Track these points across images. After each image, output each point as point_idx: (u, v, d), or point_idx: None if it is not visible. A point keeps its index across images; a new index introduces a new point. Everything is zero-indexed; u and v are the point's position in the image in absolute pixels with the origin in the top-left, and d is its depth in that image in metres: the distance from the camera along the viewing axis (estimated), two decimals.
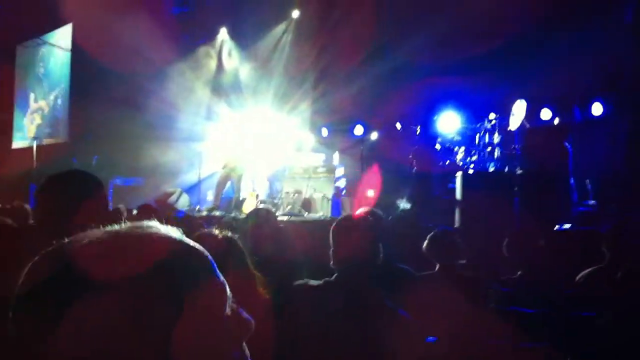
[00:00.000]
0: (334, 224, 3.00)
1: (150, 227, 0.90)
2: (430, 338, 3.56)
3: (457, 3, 10.74)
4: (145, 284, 0.81)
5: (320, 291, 2.88)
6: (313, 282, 2.94)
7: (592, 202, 8.84)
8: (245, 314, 0.95)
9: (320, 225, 8.84)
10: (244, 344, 0.92)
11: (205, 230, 2.17)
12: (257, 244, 3.37)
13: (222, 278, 0.92)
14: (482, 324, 4.02)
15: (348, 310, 2.76)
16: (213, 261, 0.93)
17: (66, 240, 0.88)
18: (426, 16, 11.22)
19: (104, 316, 0.79)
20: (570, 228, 7.01)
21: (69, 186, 2.30)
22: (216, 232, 2.10)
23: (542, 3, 10.31)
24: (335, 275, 2.91)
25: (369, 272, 2.85)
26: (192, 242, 0.93)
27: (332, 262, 2.94)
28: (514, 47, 10.74)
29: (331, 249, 2.95)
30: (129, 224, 0.91)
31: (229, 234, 2.13)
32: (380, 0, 12.77)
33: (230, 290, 0.90)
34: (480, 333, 3.88)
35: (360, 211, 4.10)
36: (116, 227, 0.90)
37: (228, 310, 0.90)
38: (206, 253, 0.93)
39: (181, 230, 0.94)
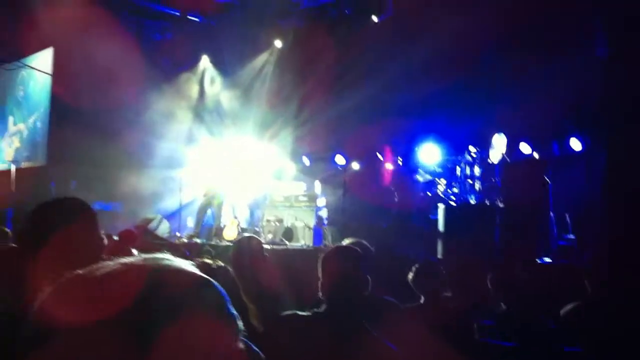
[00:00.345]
0: (322, 255, 2.99)
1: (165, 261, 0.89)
2: None
3: (434, 36, 10.86)
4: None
5: (309, 322, 2.85)
6: (301, 313, 2.92)
7: (571, 236, 8.90)
8: (254, 348, 0.93)
9: (302, 254, 8.82)
10: None
11: (199, 260, 2.14)
12: (238, 273, 3.33)
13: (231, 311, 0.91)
14: (468, 357, 4.01)
15: (336, 341, 2.74)
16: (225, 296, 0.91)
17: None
18: (404, 49, 11.36)
19: None
20: (550, 262, 7.06)
21: (54, 211, 2.27)
22: (209, 262, 2.08)
23: (517, 37, 10.48)
24: (323, 306, 2.89)
25: (357, 303, 2.83)
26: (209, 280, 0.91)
27: (320, 293, 2.92)
28: (491, 80, 10.89)
29: (319, 280, 2.93)
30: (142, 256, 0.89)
31: (222, 264, 2.11)
32: (359, 33, 12.91)
33: None
34: None
35: (346, 242, 4.08)
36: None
37: (239, 345, 0.88)
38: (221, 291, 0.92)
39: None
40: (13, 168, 13.86)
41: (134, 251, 6.57)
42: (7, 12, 13.26)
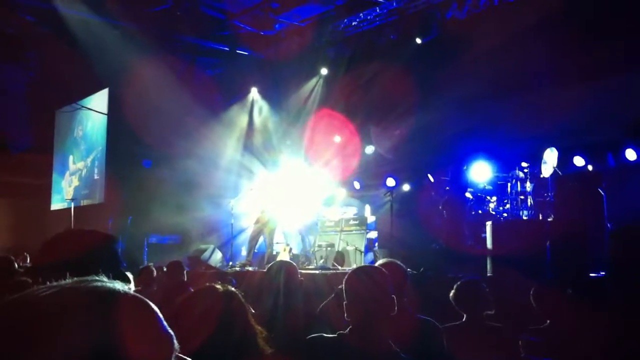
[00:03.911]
0: (346, 276, 2.99)
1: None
2: None
3: (481, 54, 10.79)
4: None
5: (334, 345, 2.85)
6: (327, 335, 2.92)
7: None
8: None
9: None
10: None
11: (207, 284, 2.18)
12: (259, 297, 3.37)
13: (166, 330, 0.93)
14: None
15: None
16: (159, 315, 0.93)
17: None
18: (455, 74, 11.28)
19: None
20: (604, 275, 6.83)
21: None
22: (218, 287, 2.12)
23: (566, 53, 10.33)
24: (349, 328, 2.88)
25: (382, 323, 2.81)
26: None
27: (345, 315, 2.91)
28: (543, 97, 10.74)
29: (344, 302, 2.93)
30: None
31: (232, 288, 2.14)
32: (408, 59, 12.91)
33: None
34: None
35: (380, 262, 4.07)
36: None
37: None
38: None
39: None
40: (72, 206, 14.32)
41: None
42: (64, 55, 13.81)
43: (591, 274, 6.93)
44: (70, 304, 0.87)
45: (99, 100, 16.38)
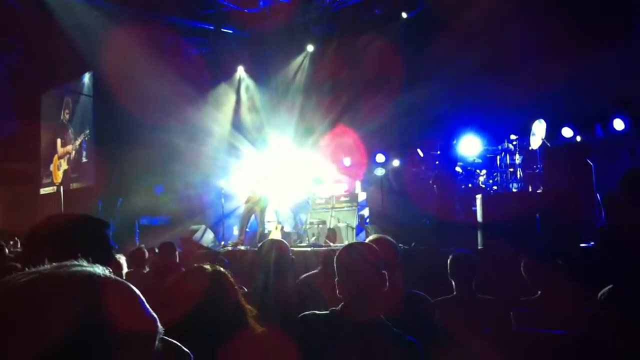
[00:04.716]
0: (337, 253, 2.98)
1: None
2: None
3: (469, 27, 10.75)
4: None
5: (326, 321, 2.86)
6: (319, 312, 2.92)
7: None
8: (184, 348, 0.94)
9: None
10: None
11: (196, 265, 2.18)
12: (251, 275, 3.37)
13: (149, 313, 0.92)
14: (503, 347, 3.96)
15: (354, 340, 2.73)
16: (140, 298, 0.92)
17: None
18: (444, 50, 11.24)
19: None
20: (594, 245, 6.88)
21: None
22: (207, 267, 2.11)
23: (555, 24, 10.30)
24: (341, 304, 2.89)
25: (374, 300, 2.82)
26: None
27: (337, 292, 2.92)
28: (531, 70, 10.72)
29: (336, 278, 2.93)
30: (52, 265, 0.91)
31: (221, 269, 2.14)
32: (390, 31, 12.85)
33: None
34: (499, 356, 3.82)
35: (370, 238, 4.07)
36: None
37: (158, 345, 0.90)
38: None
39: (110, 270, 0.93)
40: (62, 190, 14.25)
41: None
42: (48, 39, 13.66)
43: (581, 244, 6.98)
44: (47, 291, 0.85)
45: (85, 83, 16.24)
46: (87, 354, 0.82)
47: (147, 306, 0.92)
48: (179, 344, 0.93)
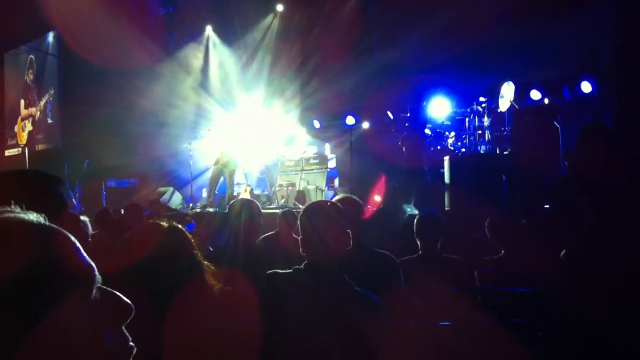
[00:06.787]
0: (301, 212, 2.97)
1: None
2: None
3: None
4: None
5: (289, 280, 2.85)
6: (281, 271, 2.92)
7: None
8: (124, 298, 0.91)
9: None
10: (123, 326, 0.90)
11: (151, 221, 2.14)
12: (220, 234, 3.34)
13: (86, 261, 0.89)
14: (465, 305, 4.01)
15: (317, 298, 2.74)
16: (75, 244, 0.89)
17: None
18: (414, 11, 11.17)
19: None
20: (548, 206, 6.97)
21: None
22: (163, 223, 2.08)
23: None
24: (304, 263, 2.88)
25: (338, 258, 2.81)
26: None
27: (300, 250, 2.91)
28: (500, 32, 10.71)
29: (299, 237, 2.92)
30: None
31: (178, 225, 2.11)
32: None
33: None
34: (462, 313, 3.86)
35: (337, 198, 4.07)
36: None
37: (96, 294, 0.87)
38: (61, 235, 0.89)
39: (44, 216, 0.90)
40: (27, 151, 14.00)
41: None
42: None
43: (546, 205, 7.07)
44: None
45: (49, 42, 15.85)
46: (19, 301, 0.79)
47: (84, 253, 0.89)
48: (120, 294, 0.90)
